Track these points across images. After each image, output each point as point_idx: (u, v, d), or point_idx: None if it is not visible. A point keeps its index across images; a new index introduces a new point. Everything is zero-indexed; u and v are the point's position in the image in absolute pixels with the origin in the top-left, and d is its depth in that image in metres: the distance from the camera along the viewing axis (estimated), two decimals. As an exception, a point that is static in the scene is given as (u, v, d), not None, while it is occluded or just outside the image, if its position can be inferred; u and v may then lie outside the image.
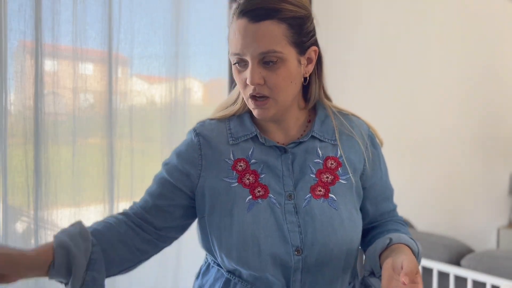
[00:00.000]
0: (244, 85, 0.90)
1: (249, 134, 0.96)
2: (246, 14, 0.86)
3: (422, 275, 2.23)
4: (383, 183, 1.05)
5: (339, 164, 0.96)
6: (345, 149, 0.97)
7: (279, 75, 0.88)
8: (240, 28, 0.86)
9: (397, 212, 1.13)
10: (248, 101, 0.92)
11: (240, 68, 0.90)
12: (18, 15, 1.69)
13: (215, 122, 1.00)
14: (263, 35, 0.85)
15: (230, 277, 0.96)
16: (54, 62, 1.79)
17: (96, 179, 1.90)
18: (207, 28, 2.25)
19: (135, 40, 2.00)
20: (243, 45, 0.87)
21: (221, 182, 0.95)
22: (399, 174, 3.29)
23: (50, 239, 1.82)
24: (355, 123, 1.03)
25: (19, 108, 1.72)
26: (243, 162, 0.95)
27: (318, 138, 0.97)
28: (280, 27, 0.86)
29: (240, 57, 0.89)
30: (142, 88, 2.08)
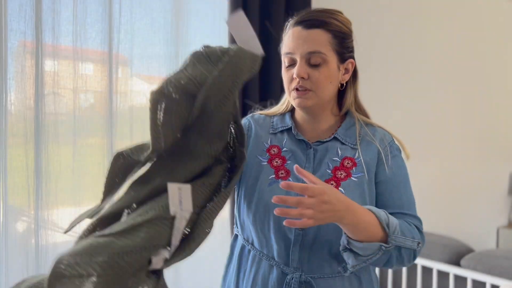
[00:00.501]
0: (291, 79, 1.08)
1: (286, 126, 1.15)
2: (301, 23, 1.07)
3: (422, 274, 2.23)
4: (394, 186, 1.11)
5: (354, 164, 1.09)
6: (362, 152, 1.11)
7: (321, 73, 1.06)
8: (295, 33, 1.07)
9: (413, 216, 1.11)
10: (291, 93, 1.09)
11: (288, 67, 1.09)
12: (19, 15, 1.69)
13: (263, 116, 1.21)
14: (312, 39, 1.05)
15: (245, 243, 1.15)
16: (54, 62, 1.79)
17: (96, 179, 1.91)
18: (207, 28, 2.25)
19: (135, 40, 2.01)
20: (295, 46, 1.06)
21: (255, 158, 1.14)
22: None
23: (51, 239, 1.83)
24: (378, 132, 1.17)
25: (19, 108, 1.72)
26: (277, 148, 1.14)
27: (340, 140, 1.12)
28: (327, 35, 1.06)
29: (291, 56, 1.07)
30: (142, 88, 2.08)
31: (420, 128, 3.42)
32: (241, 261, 1.16)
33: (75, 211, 1.87)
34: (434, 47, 3.46)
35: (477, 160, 3.92)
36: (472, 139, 3.87)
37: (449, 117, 3.63)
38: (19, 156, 1.71)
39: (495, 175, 4.11)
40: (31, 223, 1.75)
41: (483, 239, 3.94)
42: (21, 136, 1.72)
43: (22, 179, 1.72)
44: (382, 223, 0.98)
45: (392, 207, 1.08)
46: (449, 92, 3.62)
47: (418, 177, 3.40)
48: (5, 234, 1.69)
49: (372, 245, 0.97)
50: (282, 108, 1.20)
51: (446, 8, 3.53)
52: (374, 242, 0.97)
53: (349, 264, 1.02)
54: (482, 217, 3.99)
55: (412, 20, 3.30)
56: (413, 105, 3.35)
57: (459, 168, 3.76)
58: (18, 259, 1.72)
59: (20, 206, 1.73)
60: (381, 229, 0.98)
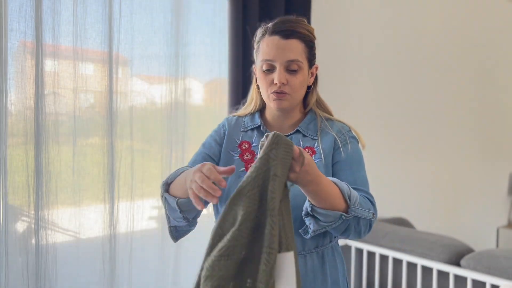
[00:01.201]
0: (270, 84, 1.21)
1: (255, 124, 1.30)
2: (278, 33, 1.18)
3: (422, 274, 2.23)
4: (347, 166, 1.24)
5: (313, 152, 1.25)
6: (321, 141, 1.26)
7: (297, 79, 1.20)
8: (274, 42, 1.18)
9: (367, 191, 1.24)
10: (270, 96, 1.22)
11: (266, 72, 1.21)
12: (19, 15, 1.69)
13: (235, 117, 1.35)
14: (290, 48, 1.18)
15: None
16: (55, 62, 1.79)
17: (97, 178, 1.91)
18: (207, 28, 2.25)
19: (135, 40, 2.01)
20: (275, 54, 1.18)
21: (227, 154, 1.28)
22: (400, 174, 3.29)
23: (51, 238, 1.83)
24: (336, 125, 1.29)
25: (19, 108, 1.72)
26: (247, 143, 1.28)
27: (302, 133, 1.27)
28: (301, 44, 1.20)
29: (270, 62, 1.19)
30: (142, 88, 2.08)
31: (420, 128, 3.42)
32: None
33: (75, 210, 1.87)
34: (435, 47, 3.46)
35: (477, 160, 3.92)
36: (472, 139, 3.87)
37: (449, 117, 3.63)
38: (19, 156, 1.71)
39: (495, 175, 4.11)
40: (31, 223, 1.75)
41: (483, 239, 3.94)
42: (21, 136, 1.72)
43: (22, 179, 1.72)
44: (344, 195, 1.08)
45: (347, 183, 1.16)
46: (449, 92, 3.62)
47: (418, 177, 3.41)
48: (5, 234, 1.69)
49: (333, 213, 1.07)
50: (250, 108, 1.33)
51: (446, 8, 3.53)
52: (336, 211, 1.07)
53: (311, 229, 1.13)
54: (482, 217, 3.99)
55: (412, 20, 3.30)
56: (413, 105, 3.35)
57: (459, 168, 3.76)
58: (18, 259, 1.73)
59: (20, 206, 1.73)
60: (343, 201, 1.08)
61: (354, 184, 1.20)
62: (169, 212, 1.18)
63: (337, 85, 2.86)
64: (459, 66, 3.68)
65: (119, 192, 1.97)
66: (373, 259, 2.47)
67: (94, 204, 1.92)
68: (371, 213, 1.14)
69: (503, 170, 4.18)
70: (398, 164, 3.27)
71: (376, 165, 3.09)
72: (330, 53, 2.79)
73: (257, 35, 1.24)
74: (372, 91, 3.08)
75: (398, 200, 3.25)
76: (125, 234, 2.00)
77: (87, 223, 1.91)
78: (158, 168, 2.10)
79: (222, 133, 1.32)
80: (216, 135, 1.33)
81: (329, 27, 2.79)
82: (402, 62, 3.25)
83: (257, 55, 1.23)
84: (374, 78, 3.08)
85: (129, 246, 2.00)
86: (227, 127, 1.33)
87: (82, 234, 1.90)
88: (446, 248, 2.22)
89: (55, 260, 1.80)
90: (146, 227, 2.09)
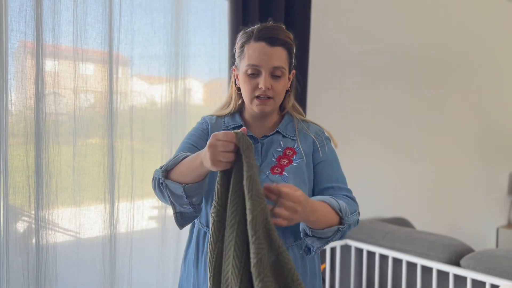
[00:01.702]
0: (254, 88, 1.26)
1: (237, 124, 1.34)
2: (264, 39, 1.24)
3: (422, 274, 2.23)
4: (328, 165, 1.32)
5: (294, 152, 1.31)
6: (301, 143, 1.33)
7: (280, 84, 1.27)
8: (260, 48, 1.24)
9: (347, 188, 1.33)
10: (253, 100, 1.27)
11: (251, 77, 1.26)
12: (19, 15, 1.69)
13: (214, 117, 1.39)
14: (276, 56, 1.24)
15: (201, 227, 1.30)
16: (55, 62, 1.79)
17: (97, 178, 1.91)
18: (207, 28, 2.25)
19: (135, 40, 2.01)
20: (262, 60, 1.23)
21: None
22: (400, 174, 3.30)
23: (51, 238, 1.83)
24: (312, 127, 1.37)
25: (20, 108, 1.72)
26: None
27: (282, 133, 1.33)
28: (285, 52, 1.26)
29: (257, 67, 1.24)
30: (142, 88, 2.08)
31: (420, 128, 3.42)
32: (198, 243, 1.30)
33: (76, 210, 1.87)
34: (435, 47, 3.46)
35: (477, 160, 3.92)
36: (472, 139, 3.87)
37: (449, 117, 3.64)
38: (19, 156, 1.71)
39: (495, 175, 4.11)
40: (32, 223, 1.75)
41: (483, 239, 3.95)
42: (22, 136, 1.72)
43: (22, 179, 1.72)
44: (335, 210, 1.17)
45: (329, 181, 1.30)
46: (449, 93, 3.62)
47: (418, 177, 3.41)
48: (6, 234, 1.69)
49: (331, 229, 1.16)
50: (229, 109, 1.38)
51: (446, 8, 3.54)
52: (333, 226, 1.16)
53: (313, 247, 1.20)
54: (482, 217, 3.99)
55: (411, 20, 3.30)
56: (413, 105, 3.35)
57: (459, 168, 3.77)
58: (18, 259, 1.73)
59: (20, 206, 1.73)
60: (335, 214, 1.17)
61: (336, 181, 1.31)
62: (173, 199, 1.19)
63: (336, 84, 2.86)
64: (459, 66, 3.68)
65: (119, 192, 1.97)
66: (373, 259, 2.47)
67: (94, 204, 1.92)
68: (357, 213, 1.26)
69: (503, 170, 4.18)
70: (398, 164, 3.27)
71: (376, 165, 3.10)
72: (330, 53, 2.79)
73: (240, 39, 1.29)
74: (372, 89, 3.08)
75: (398, 200, 3.25)
76: (125, 234, 2.00)
77: (87, 223, 1.91)
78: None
79: (206, 129, 1.35)
80: (200, 131, 1.35)
81: (329, 27, 2.79)
82: (402, 61, 3.25)
83: (241, 59, 1.28)
84: (374, 76, 3.08)
85: (129, 246, 2.00)
86: (209, 125, 1.36)
87: (82, 234, 1.90)
88: (446, 248, 2.22)
89: (55, 260, 1.80)
90: (146, 227, 2.09)
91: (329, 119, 2.70)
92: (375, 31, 3.05)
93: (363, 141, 3.02)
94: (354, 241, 2.52)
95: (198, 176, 1.14)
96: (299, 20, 2.43)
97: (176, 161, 1.19)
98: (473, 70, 3.81)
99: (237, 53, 1.31)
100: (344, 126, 2.91)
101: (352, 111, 2.95)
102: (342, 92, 2.89)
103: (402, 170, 3.30)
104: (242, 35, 1.29)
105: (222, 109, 1.40)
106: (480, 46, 3.85)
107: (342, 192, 1.30)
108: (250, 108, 1.31)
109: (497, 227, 4.12)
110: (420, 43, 3.35)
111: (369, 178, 3.01)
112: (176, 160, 1.19)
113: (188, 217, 1.25)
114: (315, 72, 2.61)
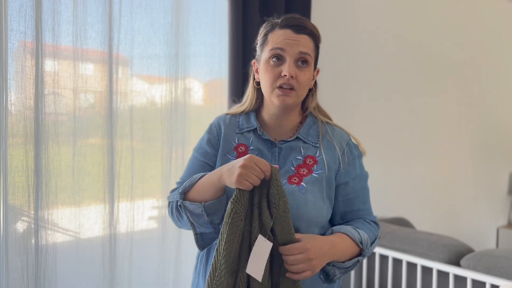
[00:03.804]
0: (277, 77, 1.15)
1: (251, 127, 1.24)
2: (290, 27, 1.16)
3: (422, 274, 2.23)
4: (356, 184, 1.25)
5: (315, 162, 1.20)
6: (324, 151, 1.21)
7: (305, 75, 1.17)
8: (286, 34, 1.15)
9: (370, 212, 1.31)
10: (275, 90, 1.16)
11: (274, 64, 1.15)
12: (19, 15, 1.69)
13: (229, 116, 1.29)
14: (303, 42, 1.15)
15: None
16: (55, 62, 1.79)
17: (97, 179, 1.91)
18: (207, 28, 2.25)
19: (135, 40, 2.01)
20: (287, 44, 1.14)
21: (223, 157, 1.22)
22: (400, 174, 3.29)
23: (51, 238, 1.83)
24: (337, 132, 1.26)
25: (19, 108, 1.72)
26: (244, 146, 1.23)
27: (302, 139, 1.22)
28: (311, 41, 1.18)
29: (281, 52, 1.14)
30: (142, 88, 2.08)
31: (420, 128, 3.42)
32: (209, 252, 1.24)
33: (75, 211, 1.87)
34: (435, 47, 3.46)
35: (477, 160, 3.92)
36: (472, 139, 3.87)
37: (449, 117, 3.64)
38: (19, 156, 1.71)
39: (495, 175, 4.11)
40: (31, 223, 1.75)
41: (483, 239, 3.95)
42: (21, 136, 1.72)
43: (22, 179, 1.72)
44: (356, 242, 1.15)
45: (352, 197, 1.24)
46: (449, 92, 3.62)
47: (418, 177, 3.41)
48: (5, 234, 1.69)
49: (351, 261, 1.16)
50: (245, 106, 1.27)
51: (446, 8, 3.53)
52: (353, 258, 1.16)
53: (336, 276, 1.17)
54: (482, 217, 3.99)
55: (412, 20, 3.30)
56: (413, 105, 3.35)
57: (459, 168, 3.77)
58: (18, 259, 1.73)
59: (20, 206, 1.73)
60: (356, 246, 1.16)
61: (368, 215, 1.28)
62: (193, 219, 1.16)
63: (338, 85, 2.86)
64: (459, 66, 3.68)
65: (119, 192, 1.97)
66: (373, 259, 2.47)
67: (94, 204, 1.92)
68: (377, 240, 1.24)
69: (503, 170, 4.18)
70: (398, 164, 3.27)
71: (377, 165, 3.09)
72: (330, 53, 2.79)
73: (264, 29, 1.21)
74: (373, 90, 3.08)
75: (398, 200, 3.25)
76: (125, 234, 2.00)
77: (87, 223, 1.91)
78: (158, 168, 2.10)
79: (217, 135, 1.27)
80: (211, 138, 1.27)
81: (329, 27, 2.79)
82: (403, 61, 3.25)
83: (264, 47, 1.19)
84: (374, 78, 3.08)
85: (129, 246, 2.00)
86: (222, 128, 1.27)
87: (82, 234, 1.90)
88: (446, 248, 2.22)
89: (55, 260, 1.80)
90: (146, 227, 2.09)
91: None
92: (375, 32, 3.05)
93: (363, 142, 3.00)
94: (354, 241, 2.52)
95: (215, 192, 1.11)
96: (299, 20, 2.43)
97: (192, 182, 1.16)
98: (473, 70, 3.80)
99: (259, 42, 1.21)
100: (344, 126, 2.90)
101: (352, 111, 2.95)
102: (342, 92, 2.89)
103: (402, 170, 3.30)
104: (266, 25, 1.21)
105: (239, 107, 1.30)
106: (481, 47, 3.85)
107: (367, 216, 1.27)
108: (270, 102, 1.20)
109: (497, 227, 4.12)
110: (420, 43, 3.35)
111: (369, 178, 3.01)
112: (192, 181, 1.16)
113: (208, 238, 1.19)
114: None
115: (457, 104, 3.69)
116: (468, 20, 3.71)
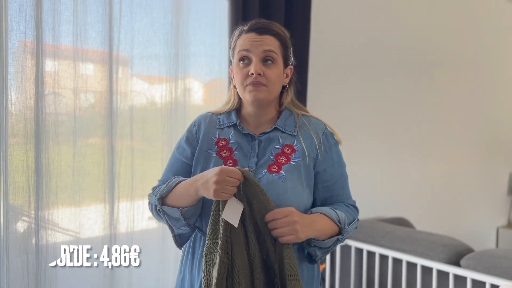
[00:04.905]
0: (246, 76, 1.23)
1: (231, 122, 1.31)
2: (254, 30, 1.24)
3: (422, 274, 2.23)
4: (334, 170, 1.30)
5: (293, 150, 1.27)
6: (302, 140, 1.27)
7: (273, 72, 1.24)
8: (250, 37, 1.24)
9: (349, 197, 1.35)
10: (246, 88, 1.24)
11: (243, 65, 1.24)
12: (19, 15, 1.69)
13: (210, 114, 1.37)
14: (266, 41, 1.23)
15: (197, 231, 1.28)
16: (55, 62, 1.79)
17: (97, 178, 1.91)
18: (207, 28, 2.25)
19: (135, 40, 2.01)
20: (251, 45, 1.23)
21: (204, 152, 1.29)
22: (400, 174, 3.29)
23: (51, 238, 1.83)
24: (313, 122, 1.33)
25: (19, 108, 1.72)
26: (224, 141, 1.30)
27: (280, 129, 1.29)
28: (276, 41, 1.25)
29: (246, 53, 1.23)
30: (142, 88, 2.08)
31: (420, 128, 3.42)
32: (194, 247, 1.29)
33: (75, 210, 1.87)
34: (435, 47, 3.46)
35: (477, 160, 3.92)
36: (472, 139, 3.87)
37: (449, 117, 3.64)
38: (19, 156, 1.71)
39: (495, 175, 4.11)
40: (31, 223, 1.75)
41: (483, 239, 3.95)
42: (21, 136, 1.72)
43: (22, 179, 1.72)
44: (334, 221, 1.20)
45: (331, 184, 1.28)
46: (449, 93, 3.62)
47: (418, 177, 3.41)
48: (5, 234, 1.69)
49: (331, 240, 1.21)
50: (228, 106, 1.35)
51: (446, 8, 3.54)
52: (333, 237, 1.21)
53: (317, 256, 1.23)
54: (482, 217, 3.99)
55: (411, 20, 3.30)
56: (413, 105, 3.35)
57: (459, 169, 3.76)
58: (18, 259, 1.73)
59: (20, 206, 1.73)
60: (335, 225, 1.21)
61: (347, 199, 1.32)
62: (171, 223, 1.24)
63: (337, 83, 2.86)
64: (459, 65, 3.68)
65: (119, 192, 1.97)
66: (373, 259, 2.47)
67: (94, 204, 1.92)
68: (356, 221, 1.29)
69: (503, 170, 4.18)
70: (398, 164, 3.27)
71: (376, 165, 3.10)
72: (330, 52, 2.79)
73: (234, 37, 1.30)
74: (372, 89, 3.08)
75: (398, 200, 3.25)
76: (125, 234, 2.00)
77: (87, 223, 1.91)
78: (158, 168, 2.10)
79: (195, 133, 1.33)
80: (189, 137, 1.34)
81: (329, 27, 2.79)
82: (403, 61, 3.25)
83: (234, 52, 1.28)
84: (374, 76, 3.08)
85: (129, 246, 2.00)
86: (203, 125, 1.34)
87: (82, 234, 1.90)
88: (446, 248, 2.22)
89: (55, 260, 1.80)
90: (146, 227, 2.09)
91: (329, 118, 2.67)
92: (375, 30, 3.05)
93: (363, 141, 3.02)
94: (354, 241, 2.52)
95: (193, 201, 1.19)
96: (299, 20, 2.43)
97: (169, 188, 1.22)
98: (474, 71, 3.80)
99: (231, 49, 1.30)
100: (344, 126, 2.90)
101: (352, 111, 2.95)
102: (342, 92, 2.89)
103: (402, 170, 3.30)
104: (235, 33, 1.30)
105: (221, 107, 1.39)
106: (481, 47, 3.85)
107: (346, 200, 1.31)
108: (245, 100, 1.28)
109: (497, 227, 4.12)
110: (420, 43, 3.35)
111: (369, 178, 3.01)
112: (169, 187, 1.22)
113: (186, 237, 1.29)
114: (315, 71, 2.61)
115: (457, 104, 3.69)
116: (468, 21, 3.71)
